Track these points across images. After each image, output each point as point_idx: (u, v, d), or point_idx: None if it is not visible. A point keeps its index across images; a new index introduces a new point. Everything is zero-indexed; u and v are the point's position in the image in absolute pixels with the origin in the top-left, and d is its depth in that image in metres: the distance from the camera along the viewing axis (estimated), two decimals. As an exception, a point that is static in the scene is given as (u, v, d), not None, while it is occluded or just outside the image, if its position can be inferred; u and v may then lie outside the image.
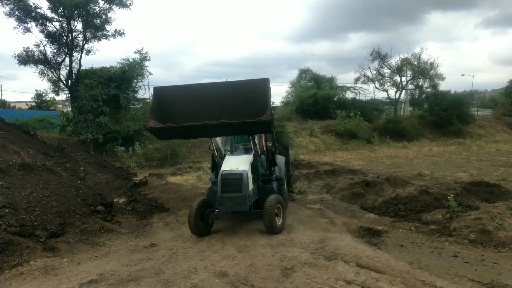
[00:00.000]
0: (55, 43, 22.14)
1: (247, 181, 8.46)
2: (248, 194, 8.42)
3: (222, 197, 8.52)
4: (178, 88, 8.06)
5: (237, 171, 8.59)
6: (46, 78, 23.21)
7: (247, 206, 8.42)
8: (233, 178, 8.53)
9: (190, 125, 7.03)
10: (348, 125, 28.27)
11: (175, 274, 6.81)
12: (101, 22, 22.12)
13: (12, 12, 20.50)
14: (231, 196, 8.48)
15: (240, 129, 7.59)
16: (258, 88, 6.79)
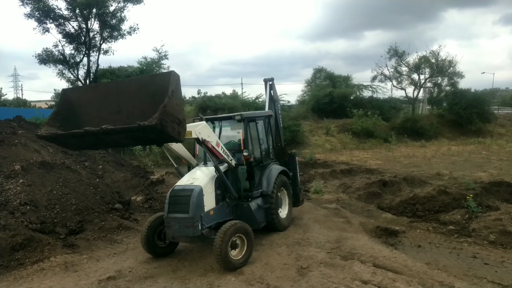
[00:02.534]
0: (73, 43, 22.56)
1: (199, 200, 6.92)
2: (199, 216, 6.86)
3: (169, 218, 7.05)
4: (89, 88, 6.74)
5: (189, 187, 7.10)
6: (64, 78, 23.68)
7: (196, 231, 6.80)
8: (182, 195, 7.04)
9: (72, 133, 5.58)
10: (365, 124, 27.97)
11: (191, 272, 6.88)
12: (116, 21, 22.40)
13: (32, 13, 20.97)
14: (178, 218, 6.97)
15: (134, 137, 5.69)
16: (164, 83, 5.57)
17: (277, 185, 8.54)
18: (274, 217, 8.43)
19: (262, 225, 8.20)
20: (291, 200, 9.27)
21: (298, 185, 9.78)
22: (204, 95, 35.11)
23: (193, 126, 6.68)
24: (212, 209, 7.23)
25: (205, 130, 6.92)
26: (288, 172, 9.29)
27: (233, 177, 7.87)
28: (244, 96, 36.97)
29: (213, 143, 7.01)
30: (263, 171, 8.51)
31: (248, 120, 8.19)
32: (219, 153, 7.21)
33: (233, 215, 7.83)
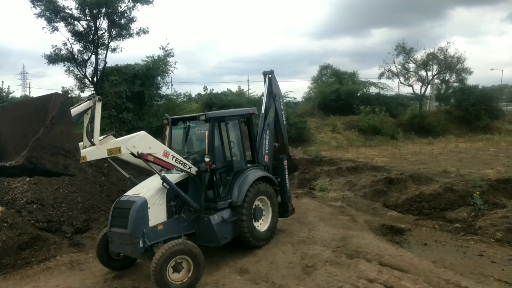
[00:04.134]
0: (82, 41, 22.63)
1: (141, 214, 6.22)
2: (140, 232, 6.16)
3: (111, 232, 6.48)
4: None
5: (133, 198, 6.45)
6: (72, 75, 23.78)
7: (135, 249, 6.15)
8: (123, 208, 6.42)
9: None
10: (372, 120, 27.81)
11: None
12: (126, 21, 22.44)
13: (43, 12, 21.07)
14: (118, 233, 6.35)
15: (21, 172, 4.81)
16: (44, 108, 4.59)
17: (252, 194, 7.48)
18: (245, 230, 7.34)
19: (225, 241, 7.12)
20: (276, 210, 8.18)
21: (287, 192, 8.64)
22: (210, 92, 35.07)
23: (124, 140, 5.96)
24: (161, 223, 6.47)
25: (142, 141, 6.11)
26: (272, 178, 8.17)
27: (195, 187, 6.96)
28: (250, 93, 36.92)
29: (157, 154, 6.23)
30: (235, 179, 7.46)
31: (216, 120, 7.28)
32: (168, 163, 6.41)
33: (194, 229, 7.06)
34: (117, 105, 20.87)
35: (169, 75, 23.71)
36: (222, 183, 7.37)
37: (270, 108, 8.99)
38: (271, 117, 8.94)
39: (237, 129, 7.86)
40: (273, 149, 8.89)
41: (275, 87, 9.38)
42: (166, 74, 23.32)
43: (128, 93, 21.10)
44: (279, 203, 8.40)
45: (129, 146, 5.93)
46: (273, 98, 9.14)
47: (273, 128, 8.96)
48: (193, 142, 7.81)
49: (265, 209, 8.01)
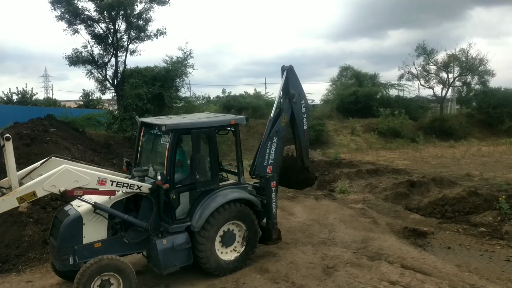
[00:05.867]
0: (102, 44, 23.05)
1: (72, 230, 5.70)
2: (71, 248, 5.65)
3: (49, 241, 6.15)
4: None
5: (70, 211, 5.96)
6: (93, 78, 24.24)
7: (63, 265, 5.70)
8: (59, 219, 5.94)
9: None
10: (391, 123, 27.43)
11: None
12: (143, 22, 22.75)
13: (63, 15, 21.56)
14: (52, 244, 5.99)
15: None
16: None
17: (220, 218, 6.49)
18: (203, 261, 6.39)
19: (170, 270, 6.14)
20: (254, 238, 7.00)
21: (273, 218, 7.17)
22: (228, 94, 35.25)
23: (39, 182, 5.22)
24: (99, 241, 5.86)
25: (65, 177, 5.36)
26: (253, 202, 6.93)
27: (149, 204, 6.16)
28: (267, 95, 36.94)
29: (90, 185, 5.57)
30: (199, 200, 6.46)
31: (178, 132, 6.28)
32: (107, 191, 5.76)
33: (145, 248, 6.38)
34: (137, 107, 21.16)
35: (187, 77, 23.94)
36: (182, 204, 6.34)
37: (284, 110, 7.77)
38: (284, 122, 7.71)
39: (211, 142, 6.66)
40: (281, 159, 7.80)
41: (294, 85, 7.93)
42: (184, 76, 23.57)
43: (148, 95, 21.37)
44: (262, 228, 7.22)
45: (47, 187, 5.23)
46: (289, 99, 7.79)
47: (284, 135, 7.75)
48: (159, 153, 6.88)
49: (240, 234, 6.91)
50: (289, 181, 8.53)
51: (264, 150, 7.53)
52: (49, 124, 14.61)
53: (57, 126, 14.82)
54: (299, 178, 8.44)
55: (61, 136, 12.80)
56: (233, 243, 6.85)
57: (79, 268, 5.50)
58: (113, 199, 5.98)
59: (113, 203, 5.99)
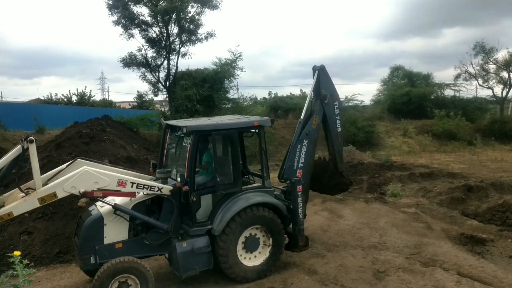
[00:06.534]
0: (155, 47, 23.92)
1: (93, 230, 5.78)
2: (92, 249, 5.74)
3: (74, 240, 6.29)
4: None
5: (93, 211, 6.07)
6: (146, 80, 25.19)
7: (84, 264, 5.84)
8: (83, 219, 6.05)
9: None
10: (446, 125, 26.12)
11: (265, 268, 6.90)
12: (194, 26, 23.34)
13: (119, 20, 22.62)
14: (76, 242, 6.10)
15: None
16: None
17: (242, 222, 6.30)
18: (224, 265, 6.24)
19: (189, 274, 6.02)
20: (279, 244, 6.73)
21: (299, 224, 6.80)
22: (275, 95, 35.30)
23: (60, 183, 5.38)
24: (120, 242, 5.89)
25: (85, 179, 5.47)
26: (277, 206, 6.67)
27: (170, 206, 6.12)
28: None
29: (109, 186, 5.64)
30: (221, 203, 6.36)
31: (199, 134, 6.19)
32: (128, 192, 5.80)
33: (167, 251, 6.33)
34: (188, 109, 21.74)
35: (236, 79, 24.26)
36: (204, 206, 6.32)
37: (315, 112, 7.55)
38: (315, 124, 7.48)
39: (233, 144, 6.49)
40: (312, 163, 7.56)
41: (326, 86, 7.72)
42: (233, 77, 23.90)
43: (198, 97, 21.89)
44: (289, 234, 6.95)
45: (67, 188, 5.36)
46: (321, 100, 7.60)
47: (315, 138, 7.50)
48: (182, 155, 6.78)
49: (264, 240, 6.69)
50: (321, 186, 8.24)
51: (293, 153, 7.30)
52: (106, 124, 15.34)
53: (113, 125, 15.55)
54: (332, 183, 8.13)
55: (117, 135, 13.42)
56: (256, 248, 6.62)
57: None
58: (134, 200, 6.00)
59: (134, 204, 6.01)
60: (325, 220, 9.62)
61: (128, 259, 5.58)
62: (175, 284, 6.51)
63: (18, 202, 5.23)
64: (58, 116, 25.64)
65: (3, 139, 19.93)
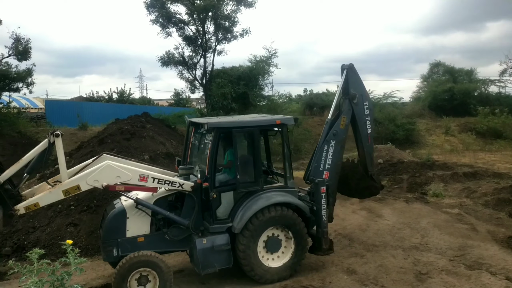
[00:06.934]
0: (192, 46, 24.28)
1: (116, 223, 5.90)
2: (115, 241, 5.84)
3: (99, 233, 6.49)
4: None
5: (117, 205, 6.20)
6: (183, 78, 25.63)
7: (107, 256, 5.92)
8: (108, 211, 6.21)
9: None
10: (492, 123, 24.93)
11: (303, 265, 6.86)
12: (230, 23, 23.49)
13: (157, 19, 23.12)
14: (100, 234, 6.30)
15: None
16: None
17: (262, 222, 6.18)
18: (245, 266, 6.15)
19: (208, 271, 6.00)
20: (302, 246, 6.55)
21: (323, 226, 6.57)
22: (310, 92, 34.94)
23: (83, 176, 5.56)
24: (143, 235, 5.98)
25: (107, 173, 5.61)
26: (300, 207, 6.52)
27: (190, 203, 6.12)
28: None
29: (131, 181, 5.72)
30: (242, 202, 6.29)
31: (219, 131, 6.17)
32: (149, 187, 5.87)
33: (188, 247, 6.33)
34: (223, 106, 21.93)
35: (270, 76, 24.21)
36: (225, 204, 6.29)
37: (343, 112, 7.31)
38: (343, 124, 7.23)
39: (254, 142, 6.43)
40: (340, 165, 7.30)
41: (355, 85, 7.44)
42: (268, 74, 23.86)
43: (233, 94, 22.02)
44: (313, 236, 6.77)
45: (90, 181, 5.52)
46: (349, 100, 7.31)
47: (343, 139, 7.25)
48: (204, 152, 6.73)
49: (286, 241, 6.53)
50: (349, 189, 7.94)
51: (320, 154, 7.07)
52: (146, 121, 15.77)
53: (152, 122, 15.97)
54: (361, 186, 7.82)
55: (156, 132, 13.76)
56: (278, 249, 6.47)
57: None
58: (156, 195, 6.06)
59: (156, 199, 6.07)
60: (363, 220, 9.44)
61: (148, 253, 5.62)
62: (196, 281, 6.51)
63: (44, 193, 5.47)
64: (99, 113, 26.57)
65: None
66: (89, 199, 8.74)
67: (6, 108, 21.76)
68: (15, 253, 7.78)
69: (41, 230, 8.31)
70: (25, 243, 7.97)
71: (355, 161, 8.00)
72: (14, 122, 20.28)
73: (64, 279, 4.38)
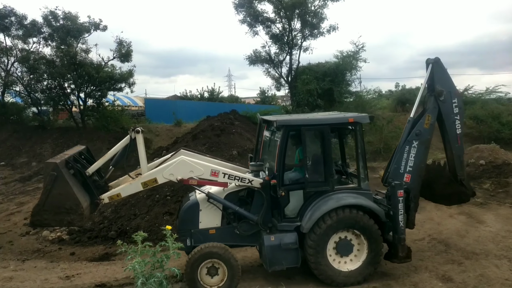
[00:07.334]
0: (278, 43, 24.50)
1: (189, 215, 6.18)
2: (188, 232, 6.12)
3: (175, 223, 6.73)
4: None
5: (192, 197, 6.51)
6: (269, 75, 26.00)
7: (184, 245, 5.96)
8: (184, 201, 6.63)
9: None
10: None
11: (393, 268, 6.59)
12: (317, 20, 23.23)
13: (245, 18, 23.73)
14: (176, 224, 6.60)
15: None
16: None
17: (331, 223, 5.95)
18: (313, 266, 6.01)
19: (275, 268, 5.96)
20: (376, 252, 6.15)
21: (399, 232, 6.11)
22: (402, 88, 33.12)
23: (160, 170, 5.92)
24: (214, 228, 6.20)
25: (181, 167, 5.93)
26: (374, 211, 6.17)
27: (260, 199, 6.19)
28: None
29: (203, 175, 5.97)
30: (311, 201, 6.16)
31: (288, 129, 6.10)
32: (219, 182, 6.06)
33: (257, 243, 6.38)
34: (309, 103, 21.82)
35: (358, 71, 23.49)
36: (294, 202, 6.22)
37: (428, 110, 6.74)
38: (427, 123, 6.67)
39: (324, 141, 6.17)
40: (423, 167, 6.77)
41: (442, 81, 6.80)
42: (355, 70, 23.17)
43: (319, 91, 21.78)
44: (389, 242, 6.36)
45: (166, 175, 5.88)
46: (435, 97, 6.71)
47: (428, 139, 6.70)
48: (275, 149, 6.58)
49: (358, 245, 6.21)
50: (434, 194, 7.27)
51: (400, 155, 6.57)
52: (234, 118, 16.33)
53: (240, 119, 16.49)
54: (447, 192, 7.14)
55: (244, 128, 14.18)
56: (349, 253, 6.19)
57: None
58: (227, 190, 6.22)
59: (227, 194, 6.23)
60: (462, 225, 8.74)
61: (218, 245, 5.80)
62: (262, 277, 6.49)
63: (125, 185, 5.98)
64: (192, 111, 28.10)
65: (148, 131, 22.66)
66: (183, 190, 9.31)
67: (111, 106, 24.08)
68: (119, 237, 8.56)
69: (141, 218, 9.08)
70: (127, 229, 8.77)
71: (441, 164, 7.34)
72: (118, 119, 22.30)
73: (163, 261, 4.75)
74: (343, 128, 6.85)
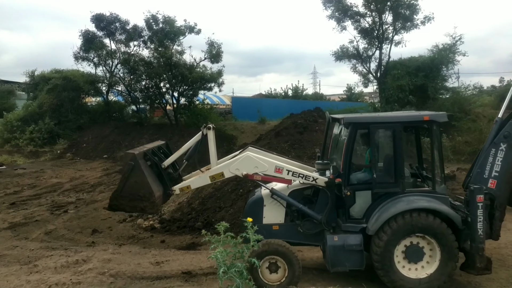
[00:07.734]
0: (367, 38, 23.66)
1: (254, 209, 6.22)
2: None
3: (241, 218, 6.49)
4: None
5: (257, 193, 6.59)
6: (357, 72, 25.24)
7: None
8: (250, 196, 6.74)
9: None
10: None
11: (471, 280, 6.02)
12: (410, 12, 21.98)
13: (333, 14, 23.30)
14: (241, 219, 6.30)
15: None
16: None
17: (400, 227, 5.58)
18: (379, 270, 5.65)
19: (337, 269, 5.76)
20: (450, 260, 5.64)
21: (477, 241, 5.57)
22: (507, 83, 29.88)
23: (227, 165, 6.10)
24: (277, 224, 6.17)
25: (247, 163, 6.03)
26: (449, 216, 5.66)
27: (324, 198, 6.04)
28: None
29: (268, 171, 6.01)
30: (379, 202, 5.82)
31: (355, 126, 5.87)
32: (283, 179, 6.03)
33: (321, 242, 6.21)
34: (399, 99, 20.77)
35: (456, 65, 21.73)
36: (361, 203, 5.93)
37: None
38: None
39: (395, 140, 5.81)
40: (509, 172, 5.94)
41: None
42: (452, 64, 21.47)
43: (411, 87, 20.61)
44: (465, 251, 5.81)
45: (232, 169, 6.06)
46: None
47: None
48: (341, 148, 6.39)
49: (430, 251, 5.75)
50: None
51: (485, 159, 5.92)
52: (317, 116, 16.15)
53: (324, 117, 16.24)
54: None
55: (329, 126, 13.95)
56: (420, 260, 5.74)
57: None
58: (291, 187, 6.19)
59: (291, 191, 6.18)
60: None
61: (280, 242, 5.68)
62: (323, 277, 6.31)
63: (195, 178, 6.36)
64: (276, 108, 28.49)
65: (234, 128, 23.55)
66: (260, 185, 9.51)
67: (201, 105, 25.42)
68: (205, 228, 9.01)
69: (225, 210, 9.47)
70: (212, 220, 9.20)
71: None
72: (207, 117, 23.51)
73: (244, 252, 4.91)
74: (419, 127, 6.47)
